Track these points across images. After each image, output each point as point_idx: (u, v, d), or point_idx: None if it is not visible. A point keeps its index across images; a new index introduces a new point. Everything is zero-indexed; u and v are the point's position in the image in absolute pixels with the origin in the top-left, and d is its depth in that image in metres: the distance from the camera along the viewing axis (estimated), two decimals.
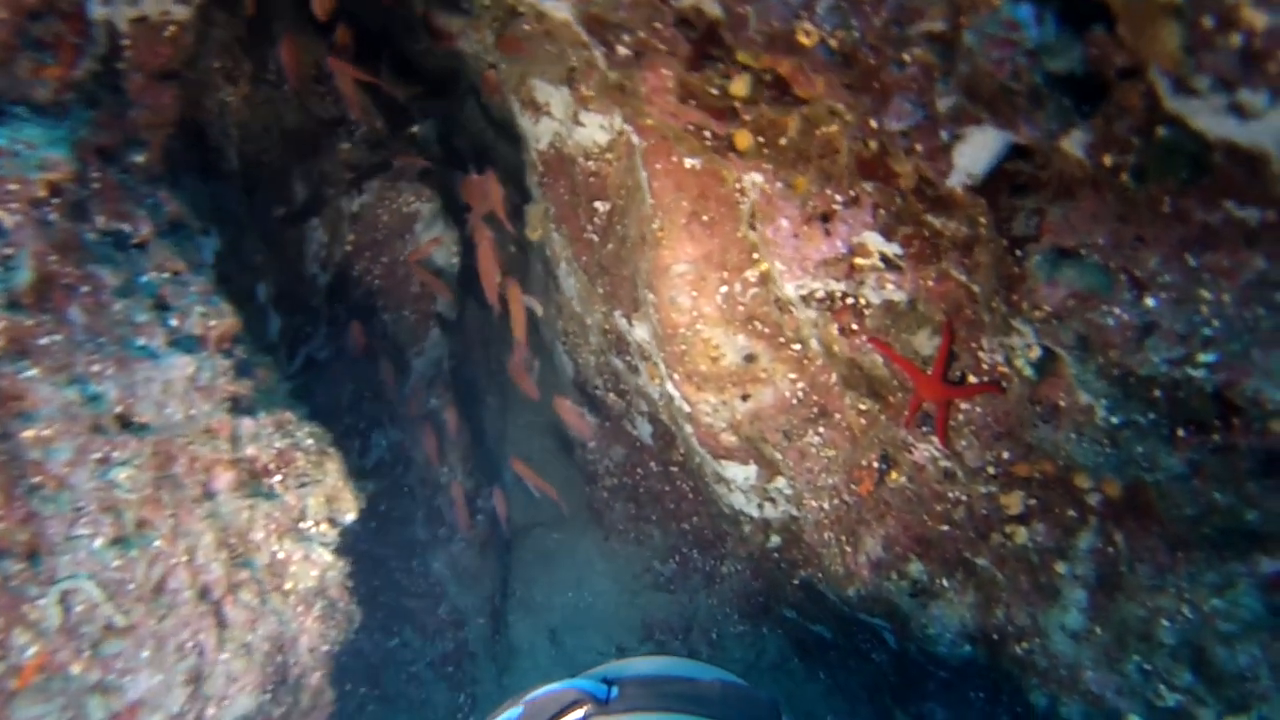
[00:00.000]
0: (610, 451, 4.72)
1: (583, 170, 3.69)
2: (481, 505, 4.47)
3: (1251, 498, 2.06)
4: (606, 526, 4.87)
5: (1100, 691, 2.55)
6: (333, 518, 2.39)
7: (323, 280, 3.92)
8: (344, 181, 3.94)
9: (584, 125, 3.52)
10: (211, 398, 2.18)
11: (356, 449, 3.92)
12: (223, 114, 3.01)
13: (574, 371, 4.71)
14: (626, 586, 4.78)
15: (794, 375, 3.14)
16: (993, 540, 2.75)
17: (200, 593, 2.05)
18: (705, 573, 4.64)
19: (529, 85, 3.63)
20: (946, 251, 2.23)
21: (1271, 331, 1.71)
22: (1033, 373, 2.05)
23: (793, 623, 4.45)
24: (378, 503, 4.03)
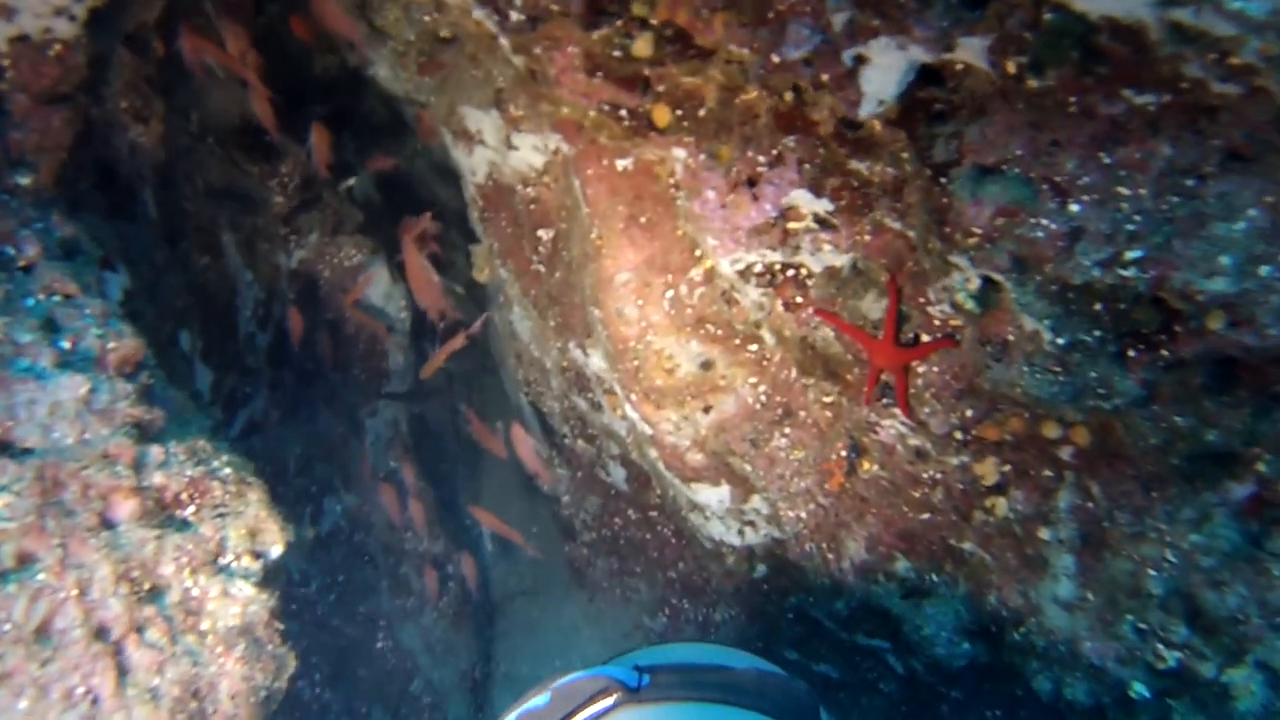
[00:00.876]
0: (585, 503, 4.67)
1: (522, 198, 3.74)
2: (453, 572, 4.39)
3: (1209, 416, 2.05)
4: (590, 586, 4.78)
5: (1101, 662, 2.48)
6: (256, 550, 2.34)
7: (262, 340, 3.93)
8: (278, 236, 3.98)
9: (517, 148, 3.57)
10: (110, 421, 2.16)
11: (308, 515, 3.87)
12: (135, 156, 3.06)
13: (539, 422, 4.68)
14: (617, 649, 4.66)
15: (754, 379, 3.13)
16: (975, 519, 2.71)
17: (95, 632, 1.98)
18: (698, 623, 4.54)
19: (459, 115, 3.70)
20: (877, 199, 2.24)
21: (1188, 219, 1.73)
22: (975, 305, 2.05)
23: (796, 666, 4.34)
24: (336, 572, 3.98)
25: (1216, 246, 1.74)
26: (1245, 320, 1.82)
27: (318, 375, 4.13)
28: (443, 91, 3.71)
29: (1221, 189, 1.71)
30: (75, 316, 2.26)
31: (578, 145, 3.09)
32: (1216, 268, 1.76)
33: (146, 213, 3.14)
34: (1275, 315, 1.79)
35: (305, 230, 4.13)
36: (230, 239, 3.66)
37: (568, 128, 3.02)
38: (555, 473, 4.30)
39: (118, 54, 3.00)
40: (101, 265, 2.63)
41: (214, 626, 2.21)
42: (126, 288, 2.73)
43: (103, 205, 2.89)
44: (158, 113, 3.17)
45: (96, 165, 2.91)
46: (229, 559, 2.28)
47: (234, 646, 2.23)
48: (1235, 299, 1.79)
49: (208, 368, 3.37)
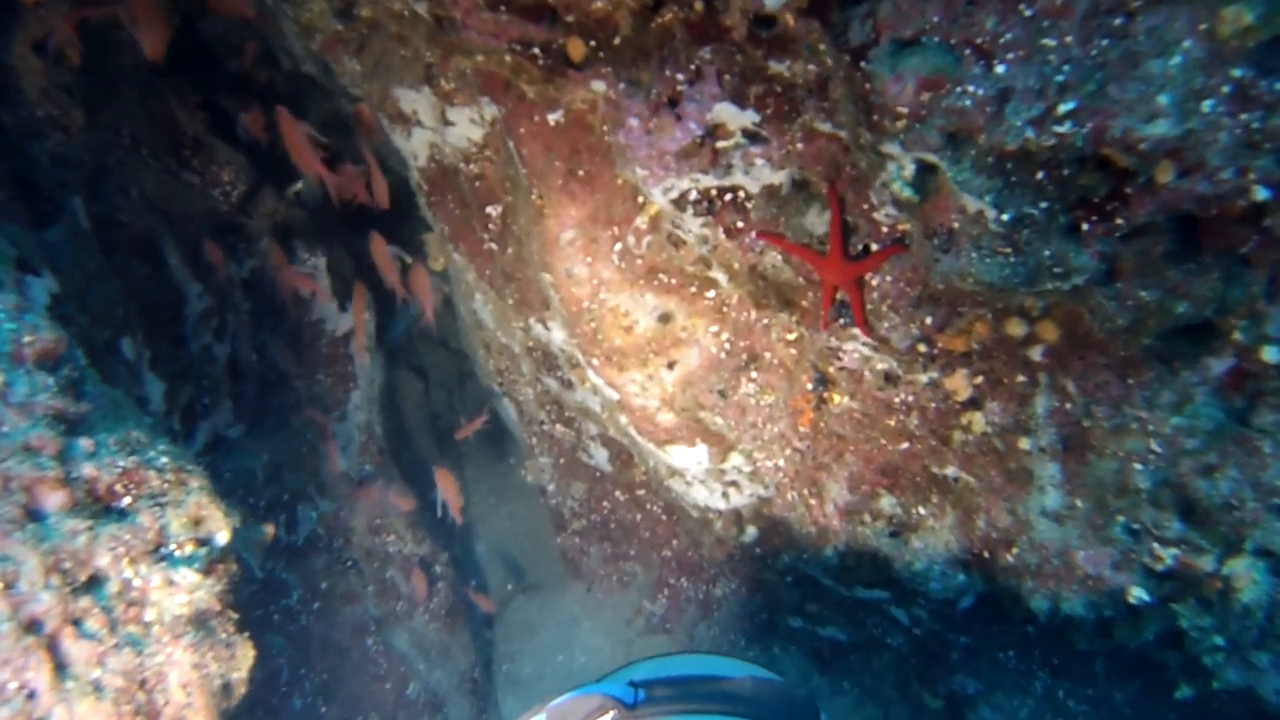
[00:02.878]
0: (571, 490, 4.56)
1: (466, 176, 3.65)
2: (440, 573, 4.28)
3: (1177, 287, 1.94)
4: (585, 575, 4.67)
5: (1096, 571, 2.36)
6: (200, 538, 2.23)
7: (220, 351, 3.84)
8: (227, 246, 3.88)
9: (454, 124, 3.48)
10: (29, 414, 2.06)
11: (282, 523, 3.76)
12: (58, 166, 2.97)
13: (517, 413, 4.58)
14: (619, 637, 4.55)
15: (715, 327, 3.03)
16: (954, 440, 2.60)
17: (26, 626, 1.88)
18: (699, 601, 4.42)
19: (392, 98, 3.61)
20: (803, 102, 2.14)
21: (1119, 61, 1.63)
22: (913, 194, 1.95)
23: (802, 633, 4.23)
24: (318, 580, 3.87)
25: (1153, 85, 1.64)
26: (1195, 166, 1.72)
27: (281, 384, 4.03)
28: (374, 77, 3.63)
29: (1151, 23, 1.61)
30: None
31: (506, 104, 3.00)
32: (1156, 109, 1.65)
33: (76, 222, 3.05)
34: (1225, 155, 1.68)
35: (254, 238, 4.04)
36: (173, 249, 3.57)
37: (493, 85, 2.93)
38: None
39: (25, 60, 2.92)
40: (21, 268, 2.53)
41: (159, 616, 2.10)
42: (53, 292, 2.64)
43: (23, 215, 2.80)
44: (78, 121, 3.08)
45: (13, 175, 2.83)
46: (171, 547, 2.18)
47: (182, 635, 2.12)
48: (1180, 143, 1.69)
49: (158, 378, 3.28)
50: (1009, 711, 3.73)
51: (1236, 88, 1.64)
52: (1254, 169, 1.70)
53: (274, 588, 3.69)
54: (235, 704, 2.30)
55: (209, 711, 2.14)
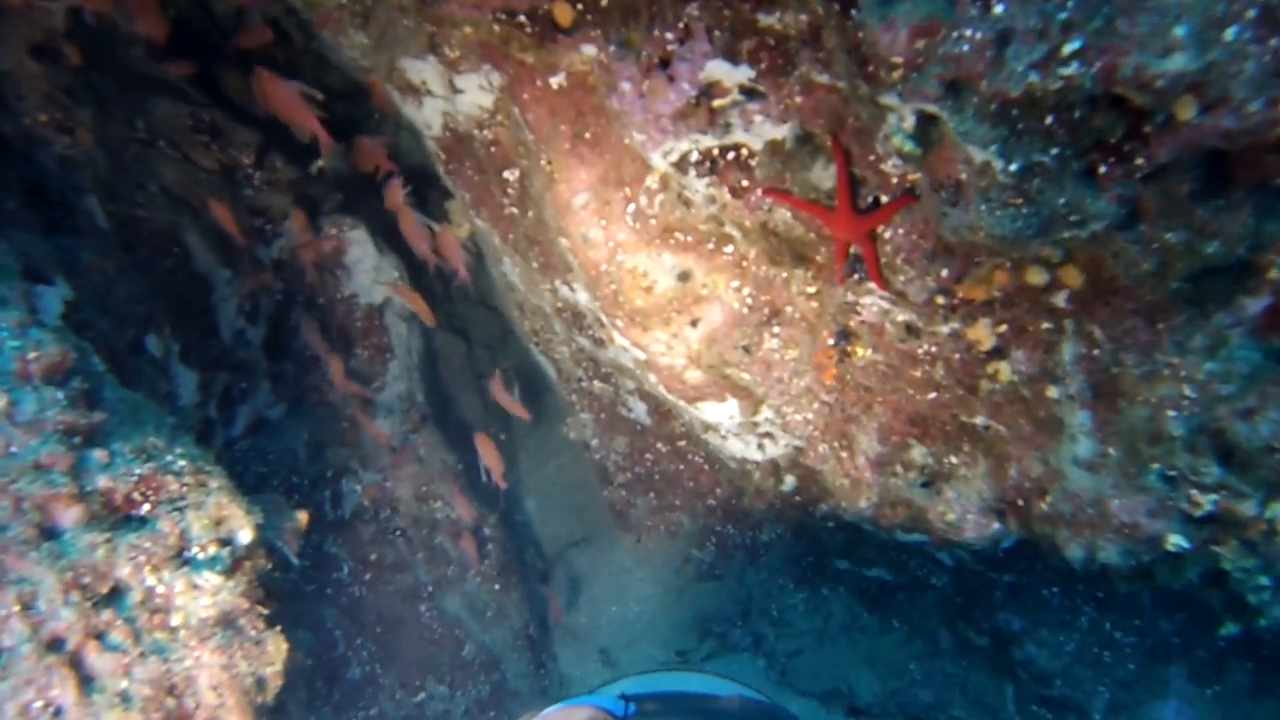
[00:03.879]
0: (613, 444, 4.48)
1: (481, 142, 3.52)
2: (490, 535, 4.24)
3: (1205, 226, 1.77)
4: (634, 527, 4.61)
5: (1132, 519, 2.22)
6: (223, 538, 2.19)
7: (254, 335, 3.79)
8: (252, 228, 3.82)
9: (463, 91, 3.35)
10: (39, 431, 2.02)
11: (327, 499, 3.74)
12: (68, 169, 2.91)
13: (555, 372, 4.50)
14: (670, 585, 4.50)
15: (736, 282, 2.89)
16: (981, 389, 2.45)
17: (47, 645, 1.86)
18: (746, 547, 4.34)
19: (399, 69, 3.48)
20: (797, 53, 1.98)
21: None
22: (915, 147, 1.79)
23: (849, 575, 4.14)
24: (366, 552, 3.86)
25: (1167, 17, 1.46)
26: (1219, 101, 1.54)
27: (319, 361, 3.98)
28: (380, 49, 3.50)
29: None
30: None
31: (507, 71, 2.86)
32: (1171, 42, 1.47)
33: (93, 224, 3.00)
34: (1253, 86, 1.50)
35: (279, 218, 3.97)
36: (197, 239, 3.51)
37: (492, 53, 2.79)
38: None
39: (23, 66, 2.85)
40: (31, 279, 2.48)
41: (185, 621, 2.07)
42: (68, 299, 2.59)
43: (35, 222, 2.74)
44: (84, 123, 3.00)
45: (21, 182, 2.77)
46: (194, 550, 2.14)
47: (209, 638, 2.09)
48: (1201, 77, 1.51)
49: (189, 369, 3.24)
50: (1054, 646, 3.63)
51: (1263, 10, 1.45)
52: None
53: (325, 562, 3.68)
54: (271, 697, 2.27)
55: (242, 710, 2.12)
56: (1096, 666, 3.60)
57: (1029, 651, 3.56)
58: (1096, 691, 3.61)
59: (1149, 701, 3.39)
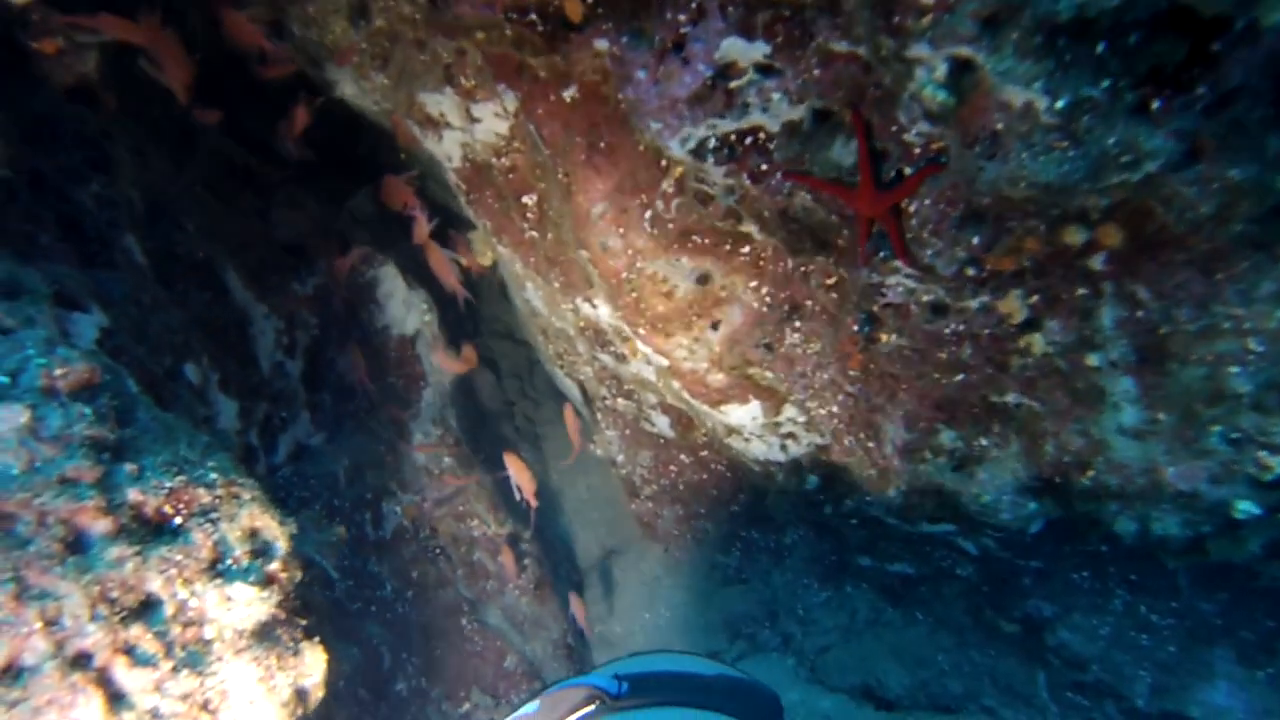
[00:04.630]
0: (638, 458, 4.19)
1: (499, 170, 3.29)
2: (527, 549, 3.95)
3: (1277, 158, 1.48)
4: (662, 537, 4.31)
5: (1190, 486, 1.93)
6: (257, 549, 1.92)
7: (293, 368, 3.54)
8: (287, 266, 3.59)
9: (480, 120, 3.12)
10: (64, 445, 1.76)
11: (368, 521, 3.46)
12: (104, 207, 2.68)
13: (580, 392, 4.23)
14: (699, 590, 4.19)
15: (754, 281, 2.64)
16: (1012, 366, 2.18)
17: (72, 662, 1.58)
18: (770, 550, 4.04)
19: (419, 103, 3.27)
20: (814, 22, 1.74)
21: None
22: (948, 96, 1.53)
23: (871, 570, 3.83)
24: (408, 570, 3.57)
25: None
26: None
27: (355, 391, 3.73)
28: (399, 86, 3.28)
29: None
30: (15, 350, 1.87)
31: (521, 88, 2.63)
32: None
33: (131, 259, 2.76)
34: None
35: (314, 256, 3.74)
36: (233, 276, 3.27)
37: (505, 70, 2.57)
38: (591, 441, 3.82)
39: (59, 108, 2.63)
40: (65, 305, 2.24)
41: (219, 633, 1.80)
42: (104, 326, 2.34)
43: (72, 256, 2.51)
44: (121, 163, 2.78)
45: (58, 218, 2.54)
46: (228, 562, 1.87)
47: (244, 650, 1.81)
48: None
49: (229, 397, 2.98)
50: (1088, 631, 3.29)
51: None
52: None
53: (368, 580, 3.39)
54: (313, 708, 1.99)
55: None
56: (1134, 650, 3.25)
57: (1061, 637, 3.23)
58: (1136, 675, 3.26)
59: (1194, 685, 3.04)
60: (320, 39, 3.41)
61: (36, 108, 2.59)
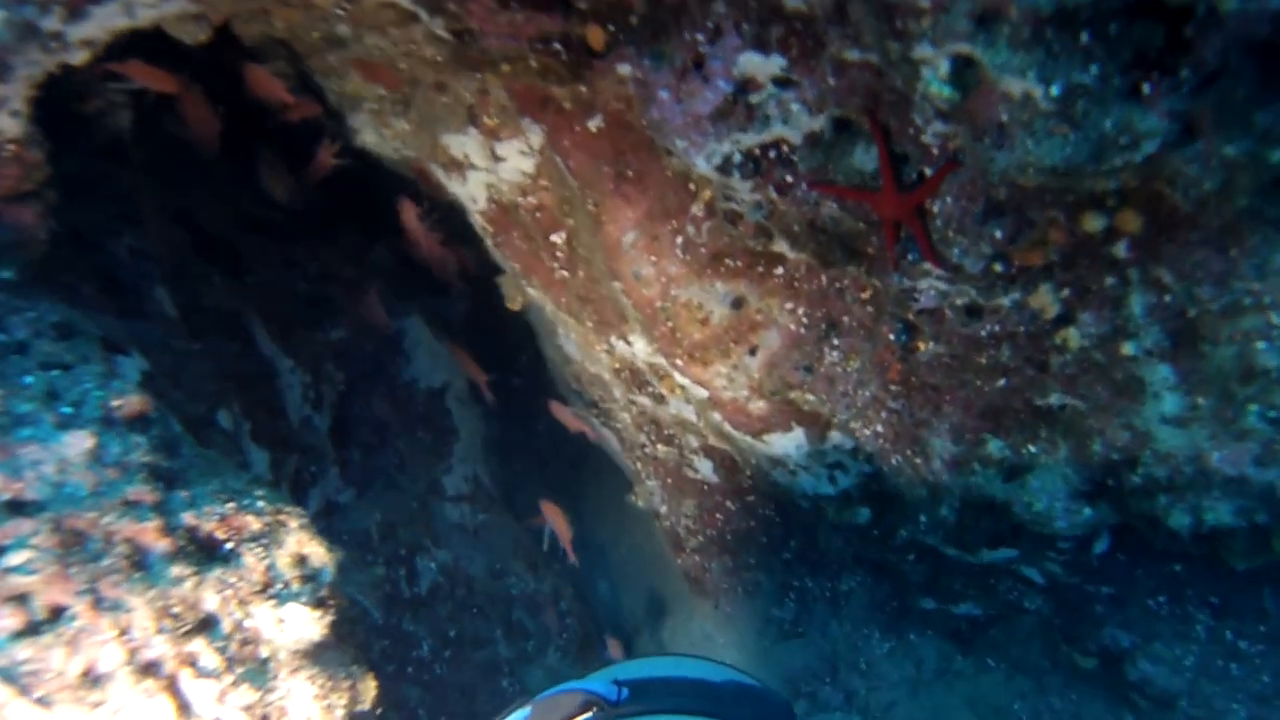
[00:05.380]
0: (682, 508, 4.42)
1: (526, 209, 3.61)
2: (568, 607, 4.18)
3: (1267, 132, 1.74)
4: (711, 592, 4.50)
5: (1237, 471, 2.13)
6: (305, 574, 2.18)
7: (320, 422, 3.85)
8: (311, 319, 3.92)
9: (505, 159, 3.45)
10: (125, 470, 2.05)
11: (404, 578, 3.72)
12: (137, 259, 3.03)
13: (618, 441, 4.49)
14: (753, 648, 4.37)
15: (790, 303, 2.90)
16: (1052, 364, 2.41)
17: (143, 669, 1.85)
18: (827, 598, 4.22)
19: (441, 145, 3.61)
20: (825, 33, 2.03)
21: None
22: (954, 92, 1.81)
23: (936, 615, 3.99)
24: (445, 628, 3.81)
25: None
26: None
27: (384, 446, 4.02)
28: (421, 130, 3.64)
29: None
30: (75, 383, 2.18)
31: (546, 121, 2.95)
32: None
33: (162, 311, 3.10)
34: None
35: (338, 309, 4.07)
36: (259, 327, 3.61)
37: (529, 103, 2.89)
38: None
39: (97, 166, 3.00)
40: (110, 349, 2.56)
41: (274, 653, 2.06)
42: (144, 370, 2.65)
43: (110, 307, 2.84)
44: (152, 218, 3.15)
45: (96, 271, 2.88)
46: (279, 586, 2.13)
47: (300, 669, 2.06)
48: None
49: (261, 447, 3.28)
50: (1171, 662, 3.41)
51: None
52: None
53: (404, 640, 3.63)
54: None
55: None
56: (1224, 681, 3.35)
57: (1144, 670, 3.36)
58: (1229, 710, 3.36)
59: None
60: (340, 89, 3.78)
61: (74, 165, 2.95)
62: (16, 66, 2.05)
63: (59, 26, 2.01)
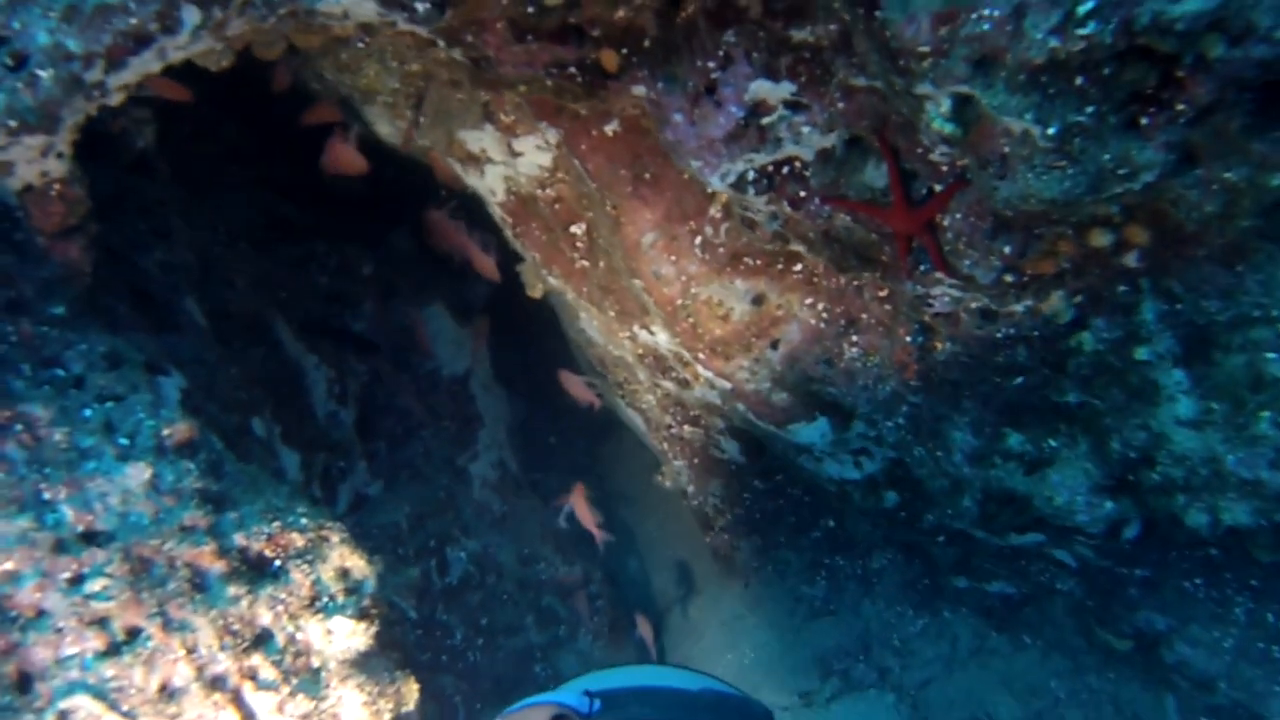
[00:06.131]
0: (710, 488, 4.67)
1: (545, 201, 3.82)
2: (598, 591, 4.46)
3: (1266, 159, 1.93)
4: (740, 571, 4.77)
5: (1253, 474, 2.34)
6: (349, 587, 2.45)
7: (346, 416, 4.11)
8: (332, 315, 4.17)
9: (522, 153, 3.66)
10: (180, 497, 2.31)
11: (434, 568, 4.00)
12: (167, 272, 3.27)
13: (643, 422, 4.73)
14: (784, 626, 4.63)
15: (810, 298, 3.11)
16: (1069, 366, 2.62)
17: (211, 683, 2.12)
18: (858, 577, 4.47)
19: (458, 141, 3.82)
20: (832, 61, 2.22)
21: None
22: (956, 129, 2.00)
23: (970, 593, 4.23)
24: (477, 617, 4.09)
25: None
26: (1244, 32, 1.70)
27: (410, 437, 4.28)
28: (436, 124, 3.84)
29: None
30: (128, 414, 2.43)
31: (561, 125, 3.16)
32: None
33: (192, 321, 3.35)
34: (1276, 12, 1.68)
35: (357, 301, 4.31)
36: (283, 328, 3.86)
37: (545, 110, 3.10)
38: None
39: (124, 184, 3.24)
40: (151, 371, 2.81)
41: (325, 662, 2.33)
42: (183, 388, 2.90)
43: (144, 323, 3.09)
44: (178, 229, 3.38)
45: (131, 289, 3.13)
46: (325, 599, 2.40)
47: (348, 677, 2.34)
48: (1221, 12, 1.68)
49: (291, 449, 3.55)
50: (1210, 645, 3.54)
51: None
52: None
53: (437, 630, 3.91)
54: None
55: None
56: (1266, 664, 3.48)
57: (1181, 653, 3.54)
58: (1272, 692, 3.50)
59: None
60: (354, 84, 3.99)
61: (105, 185, 3.19)
62: (64, 117, 2.27)
63: (101, 77, 2.23)
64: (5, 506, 2.10)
